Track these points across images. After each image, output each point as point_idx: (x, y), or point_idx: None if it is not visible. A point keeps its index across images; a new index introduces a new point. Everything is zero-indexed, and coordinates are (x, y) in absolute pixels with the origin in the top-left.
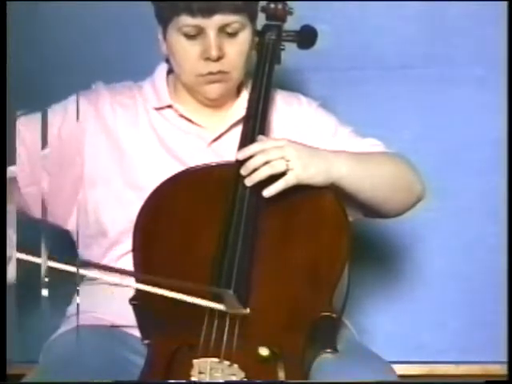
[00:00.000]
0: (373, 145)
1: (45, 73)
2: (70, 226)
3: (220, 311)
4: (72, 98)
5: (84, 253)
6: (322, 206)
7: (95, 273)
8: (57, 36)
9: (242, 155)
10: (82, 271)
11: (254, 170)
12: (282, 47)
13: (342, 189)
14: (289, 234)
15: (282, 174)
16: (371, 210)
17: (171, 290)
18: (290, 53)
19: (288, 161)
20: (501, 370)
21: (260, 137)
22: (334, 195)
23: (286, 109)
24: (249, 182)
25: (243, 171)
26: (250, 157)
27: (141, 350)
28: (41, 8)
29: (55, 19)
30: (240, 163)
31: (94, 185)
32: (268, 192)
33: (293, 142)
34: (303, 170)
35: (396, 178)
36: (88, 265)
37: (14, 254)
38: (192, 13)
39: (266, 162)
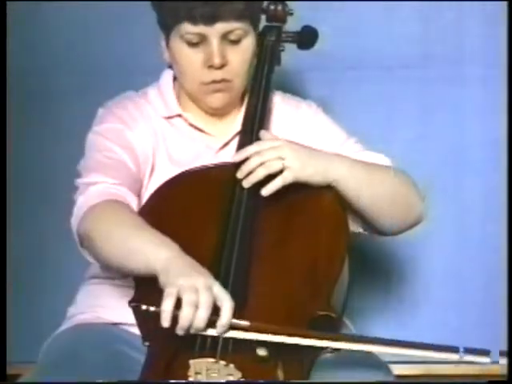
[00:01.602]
0: (377, 159)
1: (45, 73)
2: None
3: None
4: (101, 131)
5: None
6: (321, 205)
7: None
8: (57, 36)
9: (238, 157)
10: None
11: (250, 172)
12: (281, 48)
13: (340, 191)
14: (288, 233)
15: (280, 173)
16: (368, 222)
17: None
18: (290, 53)
19: (284, 160)
20: (500, 369)
21: (262, 132)
22: (333, 194)
23: (289, 113)
24: (246, 183)
25: (239, 174)
26: (247, 158)
27: (141, 347)
28: (41, 8)
29: (55, 19)
30: (238, 165)
31: None
32: (266, 191)
33: (291, 142)
34: (300, 169)
35: (397, 193)
36: None
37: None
38: (194, 20)
39: (262, 163)
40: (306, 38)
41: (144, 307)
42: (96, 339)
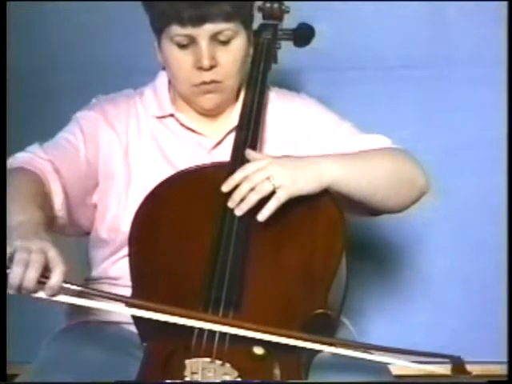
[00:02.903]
0: (375, 140)
1: (45, 72)
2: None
3: (213, 313)
4: (78, 116)
5: (95, 253)
6: (316, 204)
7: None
8: (57, 36)
9: (226, 187)
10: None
11: (242, 200)
12: (277, 46)
13: (339, 191)
14: (283, 232)
15: (273, 194)
16: (374, 208)
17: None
18: (289, 52)
19: (273, 180)
20: (500, 369)
21: (247, 151)
22: (328, 192)
23: (284, 106)
24: (239, 211)
25: (231, 204)
26: (236, 186)
27: (141, 345)
28: (41, 8)
29: (55, 19)
30: (232, 167)
31: (102, 195)
32: (262, 216)
33: (275, 157)
34: (292, 184)
35: (396, 173)
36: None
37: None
38: (182, 22)
39: (252, 188)
40: (302, 35)
41: None
42: (96, 337)
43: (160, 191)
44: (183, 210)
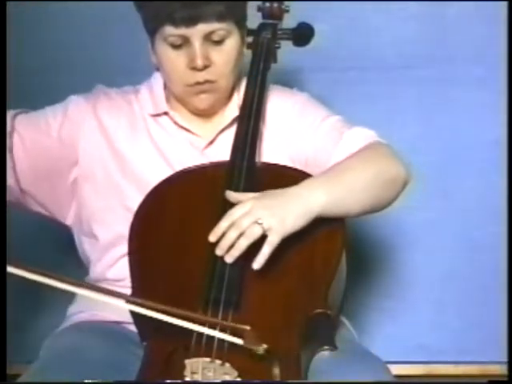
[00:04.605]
0: (356, 136)
1: (45, 72)
2: (69, 221)
3: (212, 313)
4: (71, 99)
5: (89, 254)
6: None
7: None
8: (58, 36)
9: (213, 237)
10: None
11: (231, 247)
12: (277, 45)
13: (329, 215)
14: None
15: (263, 236)
16: (361, 215)
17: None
18: (290, 52)
19: (261, 223)
20: (500, 369)
21: (227, 193)
22: None
23: (279, 104)
24: (229, 258)
25: (219, 252)
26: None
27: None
28: (42, 8)
29: (56, 19)
30: (231, 166)
31: (87, 186)
32: (258, 264)
33: (259, 197)
34: (281, 223)
35: (380, 176)
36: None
37: None
38: (175, 23)
39: (241, 234)
40: (302, 34)
41: None
42: (98, 336)
43: (161, 190)
44: (184, 209)
